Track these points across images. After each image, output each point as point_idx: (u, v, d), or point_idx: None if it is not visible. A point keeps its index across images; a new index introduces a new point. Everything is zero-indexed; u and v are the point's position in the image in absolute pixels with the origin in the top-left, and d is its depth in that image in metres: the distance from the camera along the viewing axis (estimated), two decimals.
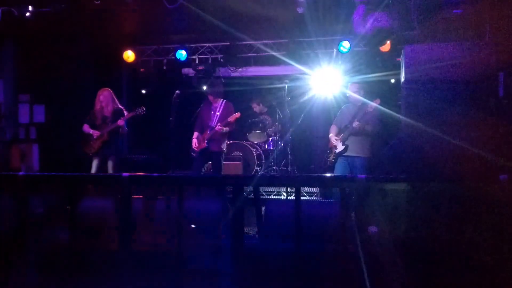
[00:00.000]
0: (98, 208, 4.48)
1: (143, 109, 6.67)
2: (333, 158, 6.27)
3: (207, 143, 6.48)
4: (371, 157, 6.20)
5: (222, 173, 6.70)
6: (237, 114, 6.54)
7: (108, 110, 6.70)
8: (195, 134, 6.66)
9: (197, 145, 6.55)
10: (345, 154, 6.18)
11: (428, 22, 4.89)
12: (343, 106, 6.56)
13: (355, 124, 6.04)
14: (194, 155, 6.63)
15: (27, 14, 6.22)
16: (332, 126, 6.46)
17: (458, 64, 3.63)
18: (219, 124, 6.42)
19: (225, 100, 6.69)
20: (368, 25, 4.62)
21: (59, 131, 8.23)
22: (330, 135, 6.36)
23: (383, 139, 6.27)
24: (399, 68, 7.75)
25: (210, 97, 6.66)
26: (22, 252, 3.99)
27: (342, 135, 6.19)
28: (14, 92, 8.17)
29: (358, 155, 6.15)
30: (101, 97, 6.69)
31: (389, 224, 3.55)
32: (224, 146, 6.67)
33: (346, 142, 6.16)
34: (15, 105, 8.14)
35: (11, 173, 4.25)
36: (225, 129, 6.45)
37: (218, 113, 6.55)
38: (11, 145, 7.74)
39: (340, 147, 6.18)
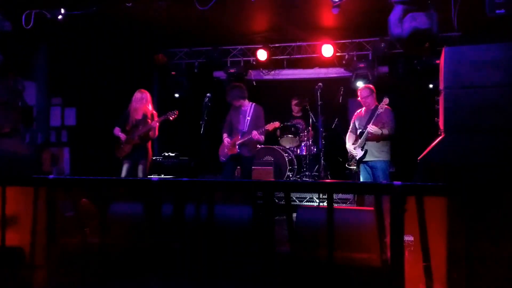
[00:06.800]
0: (128, 212, 4.44)
1: (175, 112, 6.62)
2: (354, 165, 6.18)
3: (238, 148, 6.37)
4: (390, 159, 6.14)
5: (252, 178, 6.60)
6: (276, 124, 6.35)
7: (140, 113, 6.68)
8: (225, 135, 6.56)
9: (229, 145, 6.44)
10: (366, 159, 6.09)
11: (470, 23, 4.71)
12: (356, 112, 6.41)
13: (370, 128, 5.90)
14: (224, 159, 6.50)
15: (60, 17, 6.25)
16: (348, 134, 6.36)
17: (502, 66, 3.43)
18: (255, 132, 6.22)
19: (254, 104, 6.53)
20: (405, 26, 4.45)
21: (90, 135, 8.30)
22: (347, 145, 6.25)
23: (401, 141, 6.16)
24: (437, 71, 7.55)
25: (235, 103, 6.50)
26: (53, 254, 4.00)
27: (359, 141, 6.09)
28: (46, 95, 8.27)
29: (378, 159, 6.06)
30: (136, 99, 6.66)
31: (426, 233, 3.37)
32: (254, 151, 6.60)
33: (365, 147, 6.06)
34: (47, 108, 8.23)
35: (42, 176, 4.24)
36: (262, 138, 6.30)
37: (248, 118, 6.41)
38: (42, 148, 7.81)
39: (359, 153, 6.09)
